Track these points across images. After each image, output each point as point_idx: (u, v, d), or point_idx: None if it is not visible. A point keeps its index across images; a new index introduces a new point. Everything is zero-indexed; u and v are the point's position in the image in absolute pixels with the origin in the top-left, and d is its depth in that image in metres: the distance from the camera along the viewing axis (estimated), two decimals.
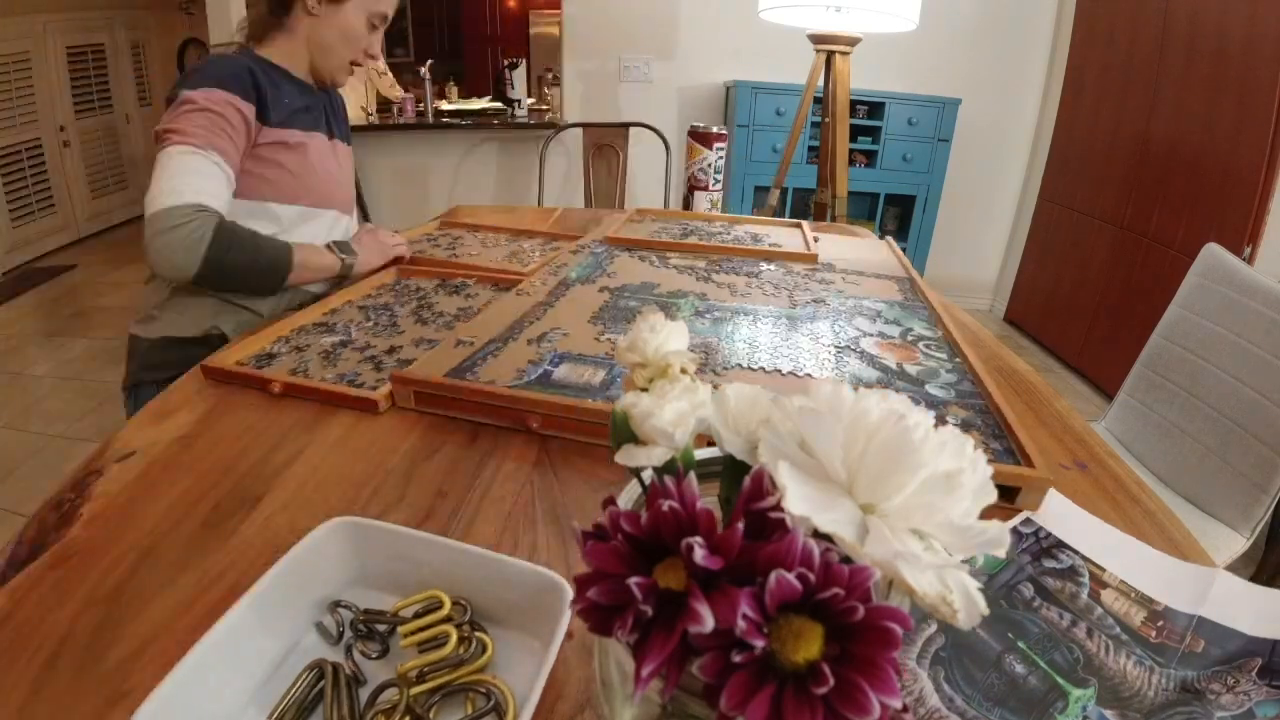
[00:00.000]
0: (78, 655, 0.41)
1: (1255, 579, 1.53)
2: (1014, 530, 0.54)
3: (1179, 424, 1.21)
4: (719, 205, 1.51)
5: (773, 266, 1.14)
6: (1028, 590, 0.48)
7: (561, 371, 0.72)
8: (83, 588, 0.46)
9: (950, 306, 1.08)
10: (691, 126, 1.53)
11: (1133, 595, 0.48)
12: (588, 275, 1.04)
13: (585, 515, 0.55)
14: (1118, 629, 0.45)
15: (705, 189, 1.47)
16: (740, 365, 0.77)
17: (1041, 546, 0.52)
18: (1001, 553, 0.24)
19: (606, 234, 1.25)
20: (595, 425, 0.64)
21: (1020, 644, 0.43)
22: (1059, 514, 0.56)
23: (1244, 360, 1.12)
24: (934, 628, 0.44)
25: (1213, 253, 1.24)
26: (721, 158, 1.47)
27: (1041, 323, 3.12)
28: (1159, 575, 0.49)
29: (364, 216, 3.57)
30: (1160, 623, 0.45)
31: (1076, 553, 0.52)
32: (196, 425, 0.67)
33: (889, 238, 1.41)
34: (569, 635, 0.43)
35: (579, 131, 2.72)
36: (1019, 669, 0.41)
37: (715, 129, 1.48)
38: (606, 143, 2.57)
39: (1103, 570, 0.50)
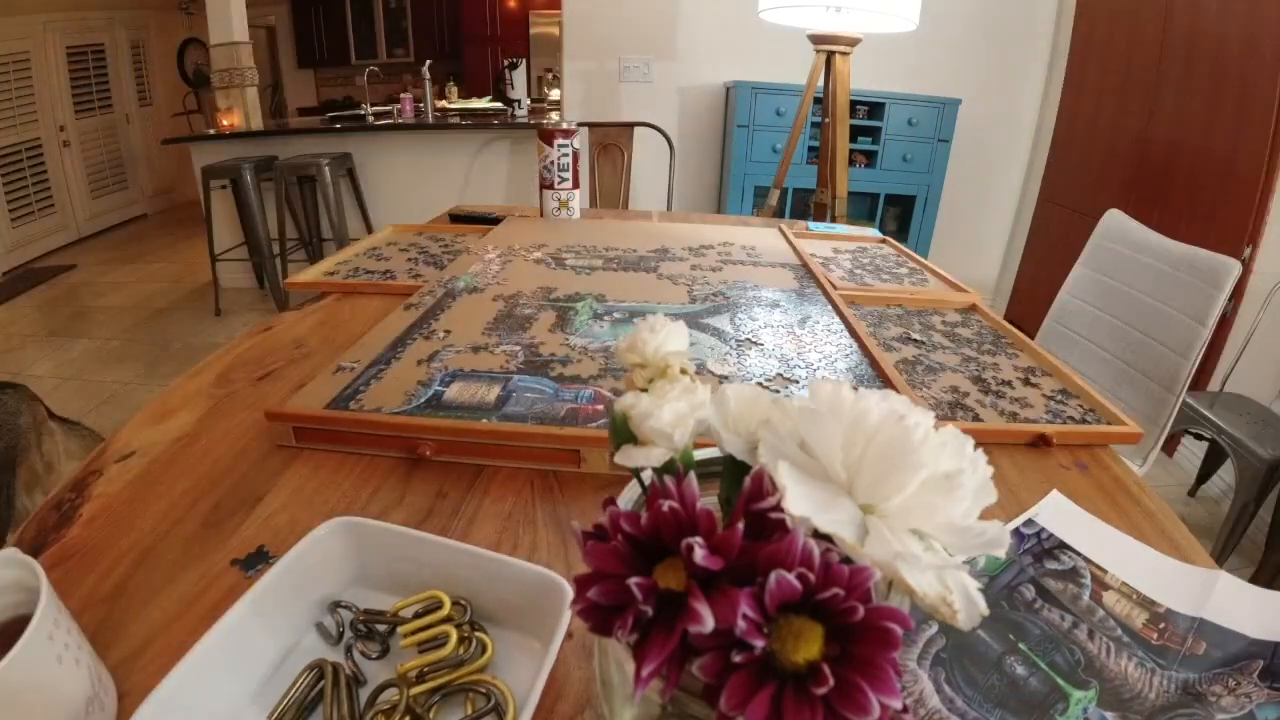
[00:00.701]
0: None
1: (1255, 579, 1.54)
2: (1016, 531, 0.54)
3: (1078, 366, 1.37)
4: (569, 204, 1.43)
5: (673, 261, 1.15)
6: (1029, 592, 0.48)
7: (453, 391, 0.68)
8: (83, 588, 0.46)
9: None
10: (538, 125, 1.49)
11: (1134, 597, 0.48)
12: (476, 284, 0.99)
13: (585, 516, 0.55)
14: (1119, 631, 0.45)
15: (551, 187, 1.42)
16: None
17: (1043, 548, 0.52)
18: (1001, 553, 0.24)
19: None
20: (490, 447, 0.61)
21: (1021, 645, 0.43)
22: (1060, 515, 0.56)
23: (1134, 308, 1.29)
24: (935, 629, 0.44)
25: (1113, 217, 1.46)
26: (566, 154, 1.38)
27: (1041, 323, 3.12)
28: (1161, 577, 0.49)
29: (365, 222, 3.57)
30: (1162, 625, 0.45)
31: (1078, 554, 0.52)
32: (196, 425, 0.67)
33: (782, 224, 1.44)
34: (569, 635, 0.43)
35: (583, 131, 2.72)
36: (1020, 670, 0.41)
37: (564, 125, 1.40)
38: (611, 142, 2.58)
39: (1104, 572, 0.50)
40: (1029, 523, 0.55)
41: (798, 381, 0.74)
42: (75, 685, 0.35)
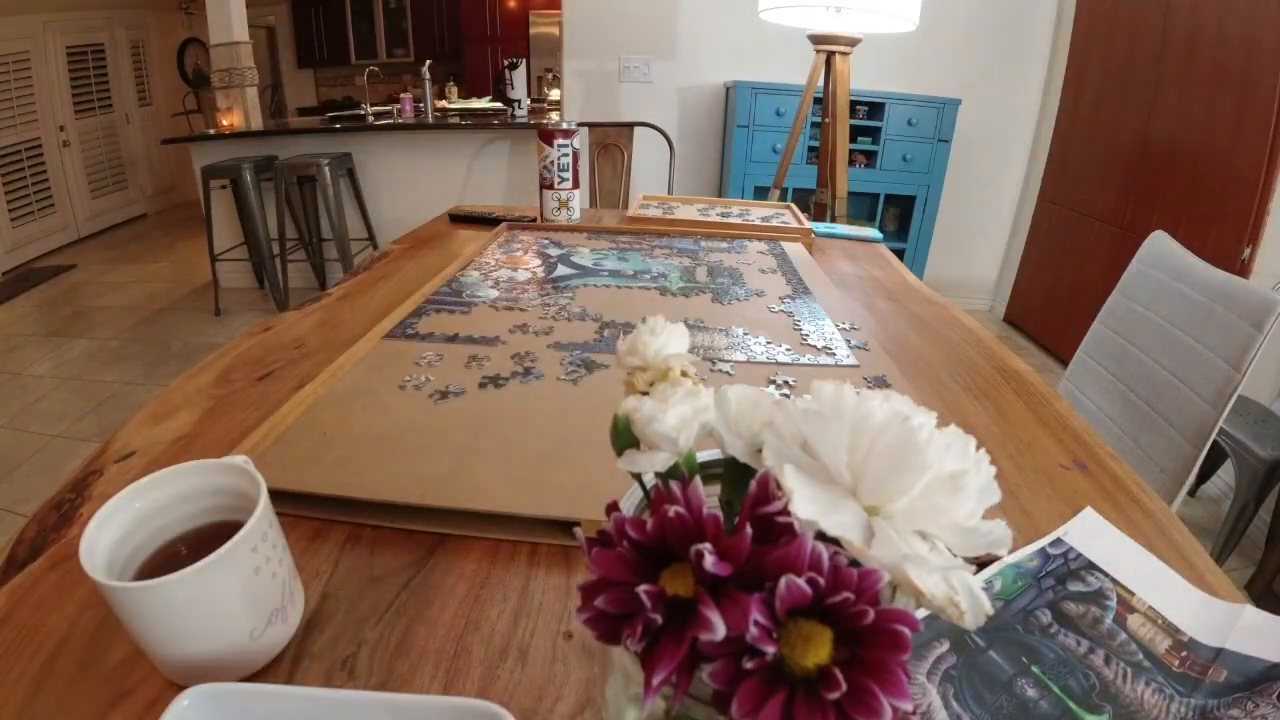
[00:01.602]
0: (78, 655, 0.41)
1: (1255, 579, 1.54)
2: (1042, 551, 0.53)
3: (1102, 407, 1.22)
4: (569, 205, 1.43)
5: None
6: (1045, 616, 0.47)
7: None
8: (83, 588, 0.46)
9: (951, 306, 1.08)
10: (538, 125, 1.49)
11: (1159, 622, 0.47)
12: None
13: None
14: (1140, 655, 0.44)
15: (551, 187, 1.43)
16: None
17: (1069, 568, 0.51)
18: (1004, 553, 0.24)
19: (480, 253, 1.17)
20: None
21: (1034, 668, 0.42)
22: (1092, 534, 0.55)
23: (1165, 343, 1.11)
24: (945, 646, 0.43)
25: (1158, 239, 1.23)
26: (566, 154, 1.37)
27: (1041, 323, 3.12)
28: (1188, 606, 0.48)
29: (365, 222, 3.56)
30: (1184, 653, 0.44)
31: (1106, 575, 0.51)
32: (196, 425, 0.67)
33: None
34: (568, 635, 0.43)
35: (583, 131, 2.72)
36: (1031, 692, 0.41)
37: (564, 125, 1.39)
38: (611, 142, 2.58)
39: (1131, 594, 0.49)
40: (1057, 542, 0.54)
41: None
42: (266, 596, 0.38)
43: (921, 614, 0.43)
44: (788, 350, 0.81)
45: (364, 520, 0.53)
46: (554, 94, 4.98)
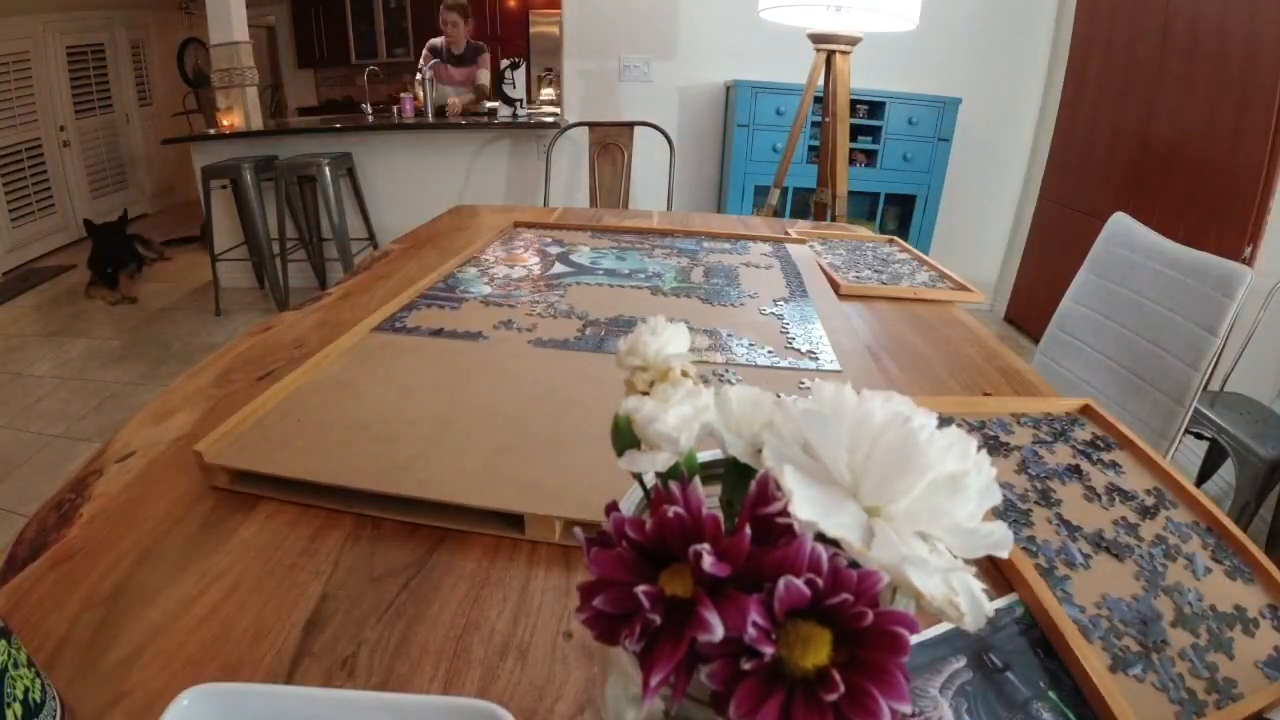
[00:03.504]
0: (78, 655, 0.41)
1: None
2: None
3: (1084, 376, 1.32)
4: None
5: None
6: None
7: None
8: (83, 588, 0.46)
9: (951, 306, 1.08)
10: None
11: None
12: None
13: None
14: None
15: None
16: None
17: None
18: (1005, 553, 0.24)
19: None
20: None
21: (1051, 694, 0.42)
22: None
23: (1142, 316, 1.22)
24: (962, 662, 0.43)
25: (1119, 221, 1.39)
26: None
27: (1041, 322, 3.11)
28: None
29: (365, 222, 3.56)
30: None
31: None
32: (196, 425, 0.67)
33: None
34: (568, 635, 0.43)
35: (584, 130, 2.72)
36: (1046, 716, 0.40)
37: None
38: (611, 141, 2.57)
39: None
40: None
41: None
42: None
43: (941, 629, 0.43)
44: (769, 353, 0.81)
45: (330, 505, 0.54)
46: (546, 93, 4.96)
